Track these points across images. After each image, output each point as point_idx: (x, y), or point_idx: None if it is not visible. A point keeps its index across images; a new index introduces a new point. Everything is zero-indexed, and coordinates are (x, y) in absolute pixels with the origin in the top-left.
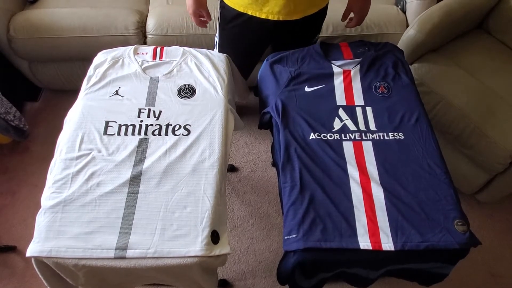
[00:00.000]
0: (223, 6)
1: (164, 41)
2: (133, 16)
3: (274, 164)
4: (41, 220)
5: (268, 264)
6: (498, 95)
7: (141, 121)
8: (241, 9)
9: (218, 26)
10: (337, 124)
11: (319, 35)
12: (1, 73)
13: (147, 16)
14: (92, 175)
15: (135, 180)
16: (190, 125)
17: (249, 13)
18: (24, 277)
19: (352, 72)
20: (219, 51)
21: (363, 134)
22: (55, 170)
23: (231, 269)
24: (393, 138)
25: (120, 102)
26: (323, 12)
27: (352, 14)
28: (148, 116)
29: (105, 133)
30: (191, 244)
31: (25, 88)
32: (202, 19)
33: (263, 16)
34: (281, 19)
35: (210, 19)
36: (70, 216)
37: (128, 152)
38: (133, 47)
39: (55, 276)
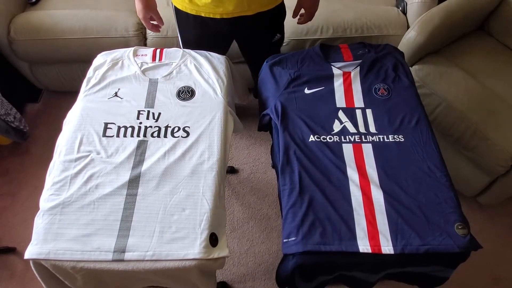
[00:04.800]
0: (176, 11)
1: (164, 42)
2: (133, 18)
3: (274, 166)
4: (39, 222)
5: (268, 267)
6: (499, 97)
7: (140, 123)
8: (193, 13)
9: (177, 29)
10: (336, 127)
11: (280, 35)
12: (1, 75)
13: None
14: (90, 177)
15: (133, 182)
16: (189, 127)
17: (203, 15)
18: (23, 279)
19: (352, 74)
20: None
21: (363, 136)
22: (54, 172)
23: (231, 271)
24: (393, 140)
25: (119, 104)
26: (278, 10)
27: (302, 10)
28: (147, 118)
29: (104, 135)
30: (190, 247)
31: (25, 90)
32: (154, 23)
33: (218, 17)
34: (235, 15)
35: (162, 23)
36: (69, 218)
37: (127, 154)
38: (132, 48)
39: (53, 278)
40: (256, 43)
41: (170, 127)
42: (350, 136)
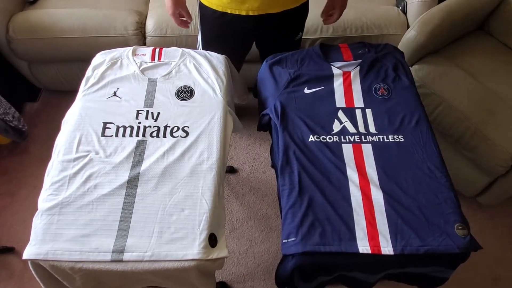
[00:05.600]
0: (202, 6)
1: (164, 42)
2: (132, 17)
3: (273, 166)
4: (37, 222)
5: (267, 267)
6: (499, 97)
7: (139, 122)
8: (219, 9)
9: (199, 27)
10: (336, 127)
11: (302, 33)
12: (0, 74)
13: (146, 16)
14: (89, 177)
15: (132, 182)
16: (188, 127)
17: (229, 12)
18: (22, 279)
19: (352, 74)
20: None
21: (362, 136)
22: (53, 171)
23: (230, 271)
24: (393, 140)
25: (118, 103)
26: (303, 8)
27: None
28: (146, 118)
29: (103, 134)
30: (189, 247)
31: (24, 89)
32: (183, 19)
33: (243, 13)
34: (261, 13)
35: (191, 19)
36: (67, 219)
37: (126, 154)
38: (131, 48)
39: (52, 279)
40: (279, 41)
41: (169, 127)
42: (349, 136)
